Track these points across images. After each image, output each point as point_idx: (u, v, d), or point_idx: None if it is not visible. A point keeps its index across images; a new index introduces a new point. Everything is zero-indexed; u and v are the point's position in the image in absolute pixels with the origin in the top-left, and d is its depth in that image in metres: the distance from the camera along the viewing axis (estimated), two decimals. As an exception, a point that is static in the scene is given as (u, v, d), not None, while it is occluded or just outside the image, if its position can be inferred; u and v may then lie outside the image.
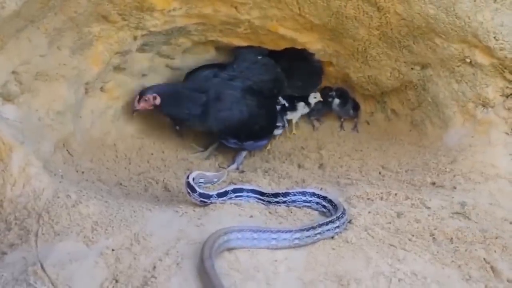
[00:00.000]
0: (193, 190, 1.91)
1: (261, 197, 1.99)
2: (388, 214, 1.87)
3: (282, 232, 1.66)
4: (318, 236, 1.69)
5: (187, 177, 1.94)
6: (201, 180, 2.03)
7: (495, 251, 1.69)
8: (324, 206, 1.91)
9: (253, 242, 1.64)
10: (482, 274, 1.60)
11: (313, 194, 1.96)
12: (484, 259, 1.66)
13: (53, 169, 2.09)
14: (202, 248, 1.57)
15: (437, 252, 1.68)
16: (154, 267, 1.58)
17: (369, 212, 1.88)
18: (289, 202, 1.96)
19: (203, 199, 1.92)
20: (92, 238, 1.71)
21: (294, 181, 2.27)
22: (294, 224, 1.83)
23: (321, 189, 2.11)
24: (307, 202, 1.96)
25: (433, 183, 2.12)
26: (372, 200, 1.99)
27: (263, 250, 1.65)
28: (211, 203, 1.92)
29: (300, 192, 1.97)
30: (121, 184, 2.31)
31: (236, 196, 1.97)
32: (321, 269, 1.58)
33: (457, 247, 1.71)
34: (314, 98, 2.87)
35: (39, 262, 1.60)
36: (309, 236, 1.68)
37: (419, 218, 1.84)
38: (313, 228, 1.69)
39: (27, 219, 1.76)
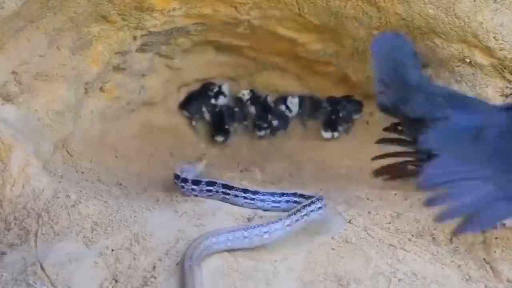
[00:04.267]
0: (177, 177, 2.00)
1: (228, 191, 1.96)
2: (388, 214, 1.87)
3: (273, 223, 1.64)
4: (306, 218, 1.68)
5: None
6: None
7: (494, 251, 1.69)
8: (296, 202, 1.89)
9: (244, 241, 1.62)
10: (482, 274, 1.60)
11: (282, 194, 1.93)
12: (484, 259, 1.66)
13: (53, 169, 2.08)
14: (187, 248, 1.58)
15: (437, 252, 1.68)
16: (154, 267, 1.58)
17: (369, 212, 1.88)
18: (257, 200, 1.94)
19: (182, 184, 1.98)
20: (92, 238, 1.71)
21: (294, 182, 2.27)
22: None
23: (320, 189, 2.12)
24: (276, 202, 1.93)
25: (433, 183, 2.11)
26: (372, 200, 1.99)
27: (263, 249, 1.65)
28: (188, 189, 1.97)
29: (269, 193, 1.95)
30: (120, 184, 2.31)
31: (207, 190, 1.96)
32: (321, 269, 1.58)
33: (457, 247, 1.71)
34: (291, 103, 2.85)
35: (38, 262, 1.60)
36: (298, 220, 1.66)
37: (419, 218, 1.84)
38: (299, 210, 1.68)
39: (26, 219, 1.76)
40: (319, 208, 1.75)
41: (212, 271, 1.57)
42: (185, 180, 2.00)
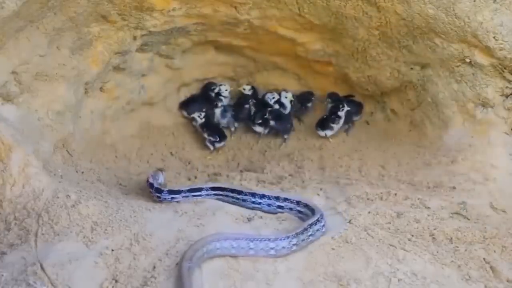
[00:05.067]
0: (151, 186, 2.05)
1: (220, 193, 2.05)
2: (388, 214, 1.87)
3: (280, 240, 1.65)
4: (311, 237, 1.70)
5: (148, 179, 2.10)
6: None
7: (494, 251, 1.70)
8: (280, 207, 1.92)
9: (248, 252, 1.63)
10: (482, 274, 1.60)
11: (263, 196, 1.97)
12: (484, 259, 1.66)
13: (53, 169, 2.08)
14: (187, 249, 1.57)
15: (437, 252, 1.68)
16: (154, 267, 1.58)
17: (369, 212, 1.88)
18: (240, 200, 2.00)
19: (157, 194, 2.03)
20: (92, 238, 1.71)
21: (294, 182, 2.27)
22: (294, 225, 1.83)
23: (320, 189, 2.11)
24: (256, 204, 1.97)
25: (433, 183, 2.12)
26: (372, 200, 1.99)
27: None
28: (165, 199, 2.01)
29: (250, 193, 2.00)
30: (120, 184, 2.31)
31: (194, 196, 2.03)
32: (321, 269, 1.58)
33: (457, 247, 1.71)
34: (285, 97, 2.87)
35: (38, 262, 1.60)
36: (304, 240, 1.67)
37: (419, 218, 1.84)
38: (306, 229, 1.69)
39: (26, 219, 1.76)
40: (323, 226, 1.76)
41: (212, 271, 1.57)
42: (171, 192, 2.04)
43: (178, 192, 2.03)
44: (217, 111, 2.88)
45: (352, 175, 2.34)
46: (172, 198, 2.02)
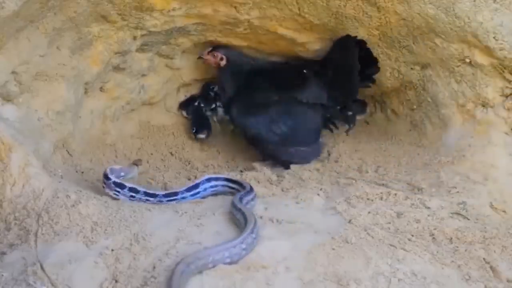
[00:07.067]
0: (107, 178, 2.00)
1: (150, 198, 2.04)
2: (388, 214, 1.87)
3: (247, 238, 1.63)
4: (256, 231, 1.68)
5: (108, 175, 2.02)
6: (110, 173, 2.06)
7: (494, 251, 1.70)
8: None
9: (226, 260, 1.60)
10: (482, 274, 1.60)
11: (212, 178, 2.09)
12: (484, 259, 1.66)
13: (53, 169, 2.09)
14: (189, 255, 1.57)
15: (437, 252, 1.68)
16: (154, 267, 1.58)
17: (369, 212, 1.88)
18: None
19: (116, 189, 1.99)
20: (92, 238, 1.71)
21: (294, 182, 2.27)
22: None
23: (320, 189, 2.11)
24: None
25: (433, 183, 2.12)
26: (372, 200, 1.99)
27: (263, 249, 1.65)
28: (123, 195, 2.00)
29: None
30: (120, 184, 2.30)
31: (169, 200, 2.02)
32: (321, 269, 1.58)
33: (457, 247, 1.71)
34: None
35: (38, 262, 1.60)
36: (255, 238, 1.65)
37: (419, 218, 1.84)
38: (254, 227, 1.67)
39: (26, 219, 1.76)
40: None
41: (212, 272, 1.56)
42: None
43: (153, 195, 2.02)
44: (220, 111, 2.90)
45: (352, 174, 2.33)
46: (147, 200, 2.00)
